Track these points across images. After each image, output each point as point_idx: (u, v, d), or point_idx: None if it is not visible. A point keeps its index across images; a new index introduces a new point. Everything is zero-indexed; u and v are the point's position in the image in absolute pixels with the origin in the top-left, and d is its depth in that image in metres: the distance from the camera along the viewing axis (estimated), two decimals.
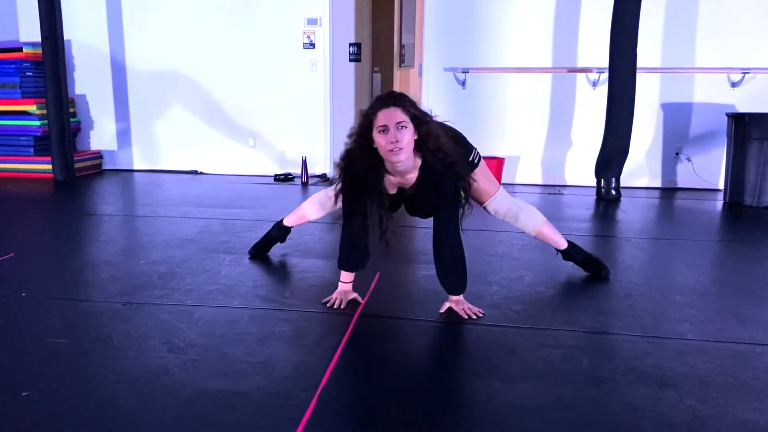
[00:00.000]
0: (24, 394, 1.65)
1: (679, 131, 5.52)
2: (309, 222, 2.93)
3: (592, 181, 5.51)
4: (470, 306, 2.23)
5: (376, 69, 7.25)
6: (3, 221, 3.83)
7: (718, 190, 5.50)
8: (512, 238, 3.36)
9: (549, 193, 5.30)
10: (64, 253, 3.07)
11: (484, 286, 2.56)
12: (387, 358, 1.94)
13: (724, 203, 4.87)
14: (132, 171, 6.16)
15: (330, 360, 1.86)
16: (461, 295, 2.25)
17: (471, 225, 2.26)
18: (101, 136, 6.16)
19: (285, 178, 5.75)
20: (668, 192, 5.45)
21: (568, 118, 5.62)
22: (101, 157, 6.14)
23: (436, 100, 5.71)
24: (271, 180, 5.83)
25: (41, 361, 1.86)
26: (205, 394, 1.65)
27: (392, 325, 2.21)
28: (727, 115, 4.83)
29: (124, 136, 6.16)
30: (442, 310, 2.24)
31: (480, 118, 5.70)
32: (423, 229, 3.37)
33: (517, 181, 5.73)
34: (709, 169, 5.53)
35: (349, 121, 7.40)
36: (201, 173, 6.15)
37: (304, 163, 5.58)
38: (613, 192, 4.94)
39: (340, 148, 2.25)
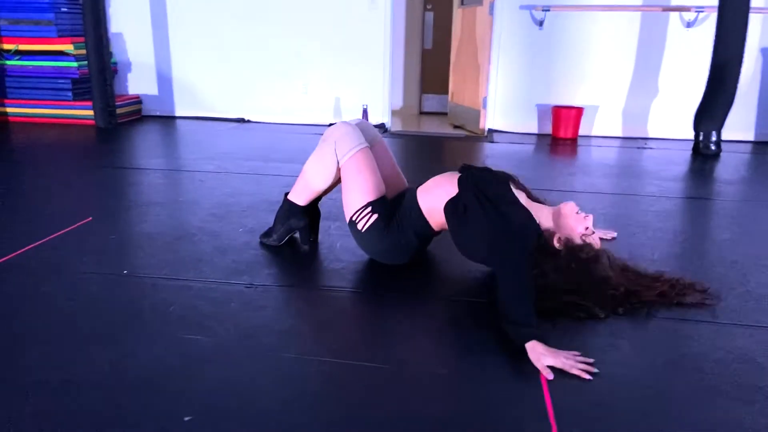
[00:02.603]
0: (186, 419, 1.30)
1: None
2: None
3: (680, 134, 5.06)
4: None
5: (428, 7, 6.67)
6: (61, 177, 3.43)
7: None
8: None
9: (637, 147, 4.86)
10: (144, 217, 2.68)
11: None
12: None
13: None
14: (173, 117, 5.70)
15: None
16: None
17: None
18: (140, 79, 5.66)
19: None
20: (763, 146, 5.00)
21: (656, 64, 5.10)
22: (140, 102, 5.66)
23: (508, 43, 5.20)
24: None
25: (184, 366, 1.50)
26: None
27: None
28: None
29: (164, 79, 5.66)
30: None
31: (557, 64, 5.20)
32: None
33: (595, 132, 5.28)
34: None
35: (408, 66, 6.85)
36: (248, 121, 5.69)
37: (365, 112, 5.12)
38: (713, 147, 4.49)
39: (399, 95, 1.84)
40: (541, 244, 1.80)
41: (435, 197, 1.97)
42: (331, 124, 5.43)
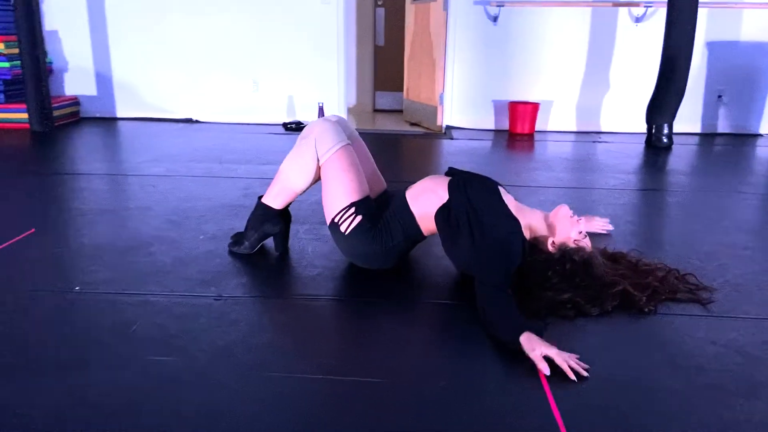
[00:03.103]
0: None
1: (723, 73, 5.17)
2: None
3: (632, 128, 5.15)
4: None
5: (379, 3, 6.58)
6: None
7: (760, 135, 5.24)
8: None
9: (591, 141, 4.91)
10: (92, 227, 2.47)
11: None
12: None
13: None
14: (115, 119, 5.40)
15: None
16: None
17: None
18: (77, 79, 5.33)
19: (297, 127, 5.14)
20: (708, 138, 5.15)
21: (606, 59, 5.18)
22: (78, 103, 5.33)
23: (463, 39, 5.16)
24: (280, 129, 5.21)
25: (156, 392, 1.35)
26: None
27: None
28: None
29: (103, 78, 5.35)
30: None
31: (512, 59, 5.20)
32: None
33: (550, 127, 5.31)
34: (751, 112, 5.25)
35: (361, 63, 6.70)
36: (197, 121, 5.45)
37: (321, 110, 4.98)
38: (665, 139, 4.58)
39: (352, 93, 1.78)
40: (534, 256, 1.76)
41: (426, 202, 1.89)
42: (287, 124, 5.28)
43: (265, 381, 1.39)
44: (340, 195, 1.89)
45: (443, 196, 1.86)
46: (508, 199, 1.89)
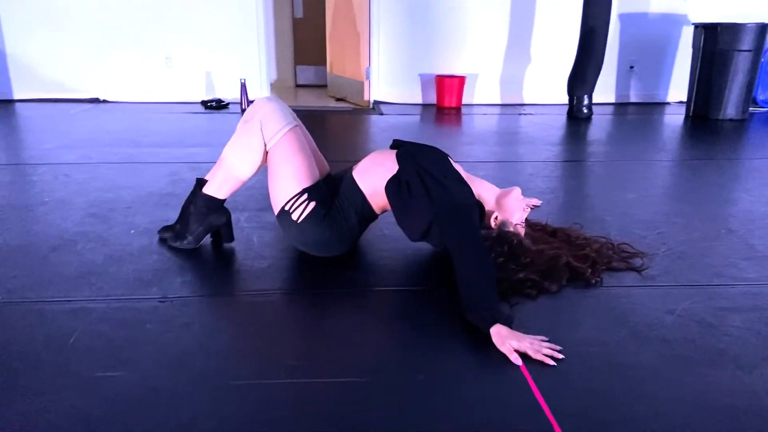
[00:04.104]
0: None
1: (634, 44, 5.39)
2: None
3: (552, 99, 5.28)
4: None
5: None
6: None
7: (667, 103, 5.53)
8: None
9: (517, 114, 4.99)
10: (3, 224, 2.22)
11: None
12: None
13: (687, 117, 4.87)
14: (11, 101, 4.92)
15: None
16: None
17: None
18: None
19: (218, 105, 4.88)
20: (622, 107, 5.37)
21: (527, 32, 5.25)
22: None
23: (387, 11, 5.06)
24: (200, 108, 4.93)
25: (109, 414, 1.21)
26: None
27: None
28: (696, 25, 4.73)
29: None
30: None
31: (437, 33, 5.16)
32: None
33: (476, 100, 5.35)
34: (659, 81, 5.51)
35: (279, 36, 6.38)
36: (104, 101, 5.06)
37: (244, 86, 4.74)
38: (585, 110, 4.73)
39: (272, 68, 1.72)
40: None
41: (375, 177, 1.80)
42: (207, 102, 4.96)
43: (229, 391, 1.28)
44: (290, 181, 1.78)
45: (392, 168, 1.79)
46: (458, 168, 1.85)
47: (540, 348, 1.42)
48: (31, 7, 4.75)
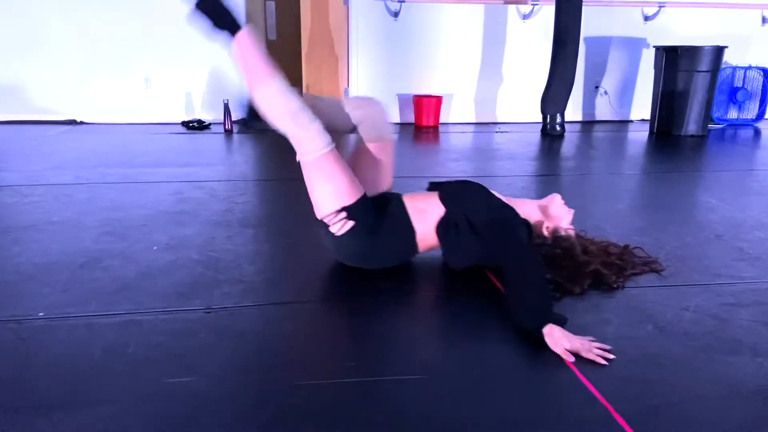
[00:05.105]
0: None
1: (599, 65, 5.69)
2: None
3: (525, 118, 5.51)
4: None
5: None
6: None
7: (631, 121, 5.84)
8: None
9: (494, 132, 5.18)
10: (21, 244, 2.18)
11: None
12: None
13: (651, 133, 5.16)
14: None
15: None
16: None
17: None
18: None
19: (200, 126, 4.89)
20: (589, 125, 5.65)
21: (499, 53, 5.48)
22: None
23: (365, 34, 5.20)
24: (180, 128, 4.93)
25: (189, 416, 1.24)
26: None
27: None
28: (657, 48, 5.04)
29: None
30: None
31: (413, 54, 5.33)
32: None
33: (452, 120, 5.52)
34: (623, 101, 5.82)
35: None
36: (81, 123, 4.99)
37: (227, 107, 4.77)
38: (558, 128, 4.96)
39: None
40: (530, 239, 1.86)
41: (428, 217, 1.90)
42: (188, 123, 4.88)
43: (301, 390, 1.33)
44: (328, 199, 1.83)
45: (438, 211, 1.89)
46: (496, 194, 1.96)
47: (591, 348, 1.51)
48: (7, 27, 4.68)
